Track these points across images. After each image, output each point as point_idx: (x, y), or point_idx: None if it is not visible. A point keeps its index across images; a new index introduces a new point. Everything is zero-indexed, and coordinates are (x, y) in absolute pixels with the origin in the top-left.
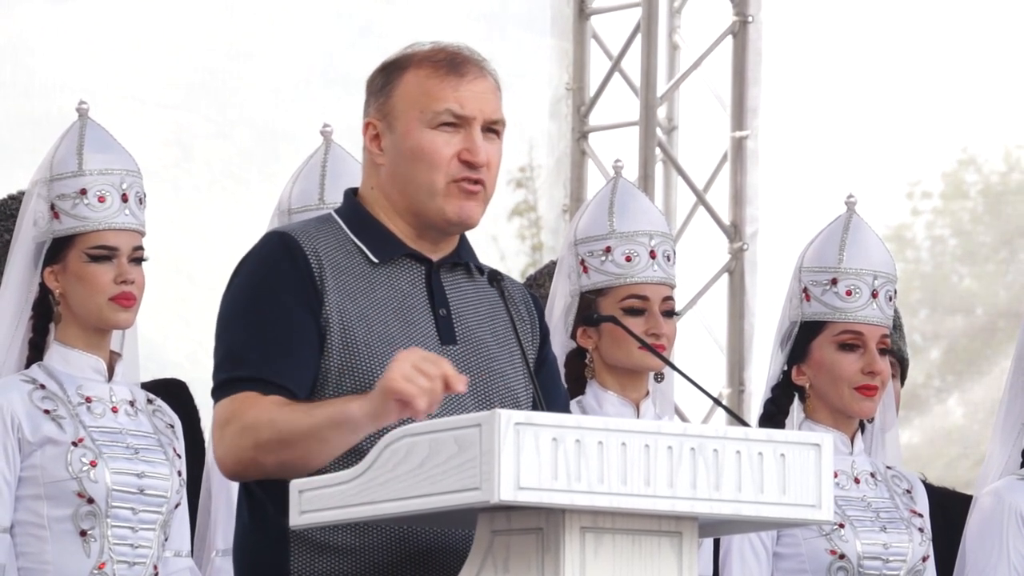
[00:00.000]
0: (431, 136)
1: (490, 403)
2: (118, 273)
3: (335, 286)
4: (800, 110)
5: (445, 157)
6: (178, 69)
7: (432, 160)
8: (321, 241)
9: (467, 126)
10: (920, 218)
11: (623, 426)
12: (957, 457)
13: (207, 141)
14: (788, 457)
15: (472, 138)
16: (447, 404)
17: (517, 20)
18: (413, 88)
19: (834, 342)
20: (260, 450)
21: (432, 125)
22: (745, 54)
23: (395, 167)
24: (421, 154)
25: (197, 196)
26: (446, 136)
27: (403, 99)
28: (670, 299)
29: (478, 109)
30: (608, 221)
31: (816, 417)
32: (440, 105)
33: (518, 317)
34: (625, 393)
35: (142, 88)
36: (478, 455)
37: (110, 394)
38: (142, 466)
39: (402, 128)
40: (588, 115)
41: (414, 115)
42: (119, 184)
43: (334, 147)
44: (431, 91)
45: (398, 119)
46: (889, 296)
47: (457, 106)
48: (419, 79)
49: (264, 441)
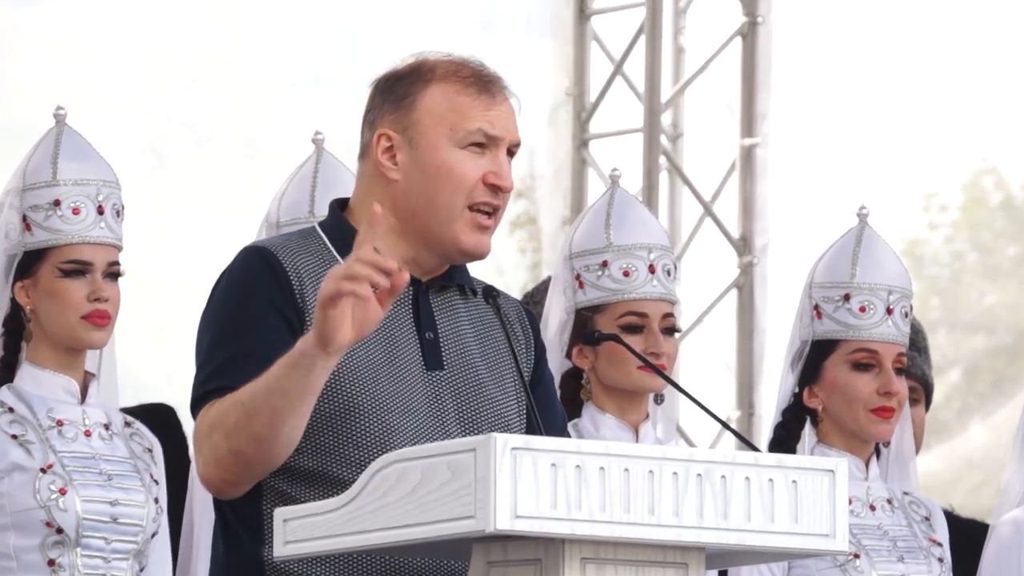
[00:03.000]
0: (459, 156)
1: (477, 431)
2: (92, 290)
3: (316, 303)
4: (812, 116)
5: (472, 179)
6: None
7: (459, 181)
8: (302, 257)
9: (494, 148)
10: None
11: (626, 451)
12: (980, 484)
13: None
14: (800, 484)
15: (498, 161)
16: (432, 431)
17: (514, 21)
18: (441, 103)
19: (848, 361)
20: (231, 438)
21: (461, 144)
22: (754, 57)
23: (412, 185)
24: (449, 174)
25: (174, 208)
26: (473, 158)
27: (429, 114)
28: (671, 316)
29: (506, 131)
30: (605, 233)
31: (829, 441)
32: (472, 124)
33: (514, 336)
34: (624, 416)
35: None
36: (473, 481)
37: (83, 417)
38: (116, 493)
39: (427, 144)
40: (589, 122)
41: (442, 132)
42: (95, 195)
43: (326, 156)
44: (462, 109)
45: (423, 135)
46: (905, 312)
47: (489, 126)
48: (447, 94)
49: (232, 424)
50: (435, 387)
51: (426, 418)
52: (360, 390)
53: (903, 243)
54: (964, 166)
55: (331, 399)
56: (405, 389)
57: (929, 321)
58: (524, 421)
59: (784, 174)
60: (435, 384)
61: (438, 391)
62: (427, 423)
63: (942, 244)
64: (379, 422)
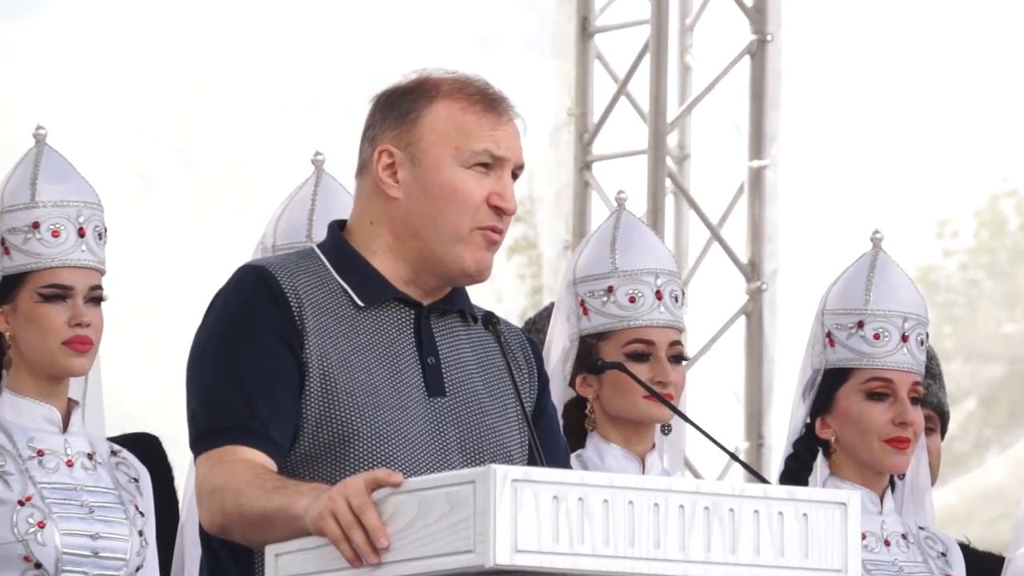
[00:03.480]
0: (464, 176)
1: (480, 461)
2: (73, 315)
3: (316, 327)
4: (823, 137)
5: (476, 200)
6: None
7: (464, 202)
8: (301, 278)
9: (499, 168)
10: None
11: (630, 483)
12: (997, 517)
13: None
14: (811, 517)
15: (503, 182)
16: (433, 461)
17: (515, 39)
18: (446, 121)
19: (861, 391)
20: (227, 519)
21: (466, 164)
22: (763, 76)
23: (414, 204)
24: (453, 194)
25: (162, 232)
26: (478, 178)
27: (434, 131)
28: (678, 344)
29: (512, 152)
30: (610, 258)
31: (842, 473)
32: (479, 144)
33: (515, 365)
34: (629, 446)
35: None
36: (472, 514)
37: (65, 446)
38: (98, 526)
39: (430, 163)
40: (592, 143)
41: (447, 150)
42: (75, 217)
43: (325, 178)
44: (468, 127)
45: (426, 152)
46: (921, 340)
47: (495, 147)
48: (453, 112)
49: (229, 512)
50: (437, 415)
51: (427, 447)
52: (358, 417)
53: (916, 270)
54: (980, 190)
55: (329, 427)
56: (406, 417)
57: (943, 349)
58: (526, 451)
59: (794, 197)
60: (437, 411)
61: (440, 419)
62: (428, 452)
63: (956, 271)
64: (378, 451)
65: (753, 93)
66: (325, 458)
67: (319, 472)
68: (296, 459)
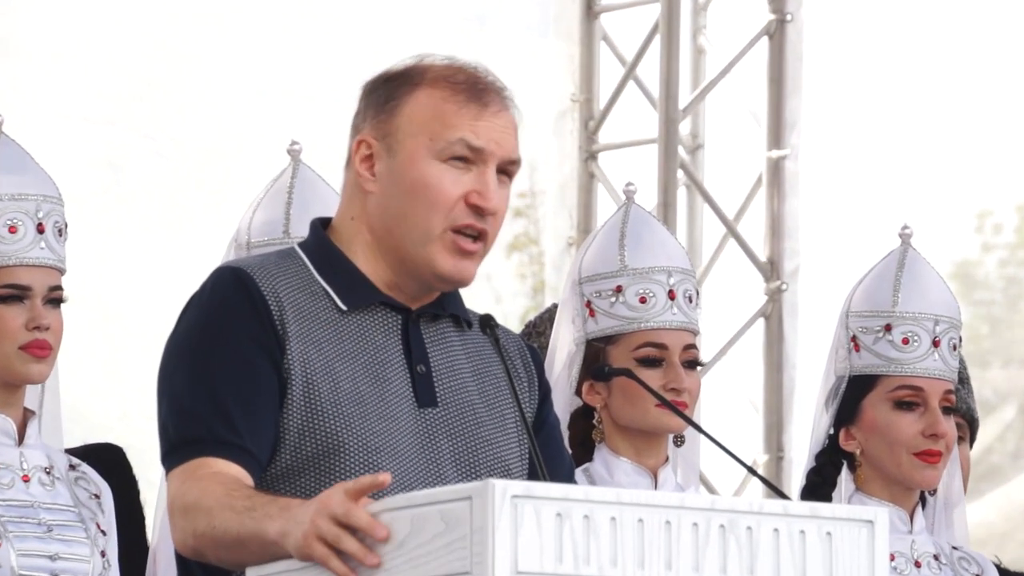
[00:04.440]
0: (438, 170)
1: (476, 475)
2: (31, 317)
3: (298, 332)
4: (848, 124)
5: (451, 198)
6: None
7: (435, 198)
8: (281, 280)
9: (481, 163)
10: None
11: (640, 499)
12: None
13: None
14: (835, 536)
15: (485, 179)
16: (426, 476)
17: (514, 19)
18: (425, 110)
19: (889, 400)
20: (199, 541)
21: (442, 157)
22: (783, 59)
23: (387, 198)
24: (424, 189)
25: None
26: (455, 173)
27: (411, 121)
28: (692, 348)
29: (496, 145)
30: (619, 255)
31: (868, 489)
32: (453, 135)
33: (514, 372)
34: (641, 459)
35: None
36: (468, 533)
37: (20, 460)
38: (56, 546)
39: (405, 155)
40: (597, 131)
41: (422, 141)
42: (34, 212)
43: (303, 169)
44: (446, 117)
45: (401, 143)
46: (953, 344)
47: (472, 137)
48: (433, 100)
49: (201, 534)
50: (428, 426)
51: (419, 460)
52: (344, 428)
53: (951, 266)
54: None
55: (312, 438)
56: (395, 428)
57: (980, 352)
58: (527, 466)
59: (816, 189)
60: (428, 423)
61: (431, 431)
62: (420, 466)
63: (996, 267)
64: (366, 465)
65: (772, 77)
66: (309, 471)
67: (302, 486)
68: (277, 472)
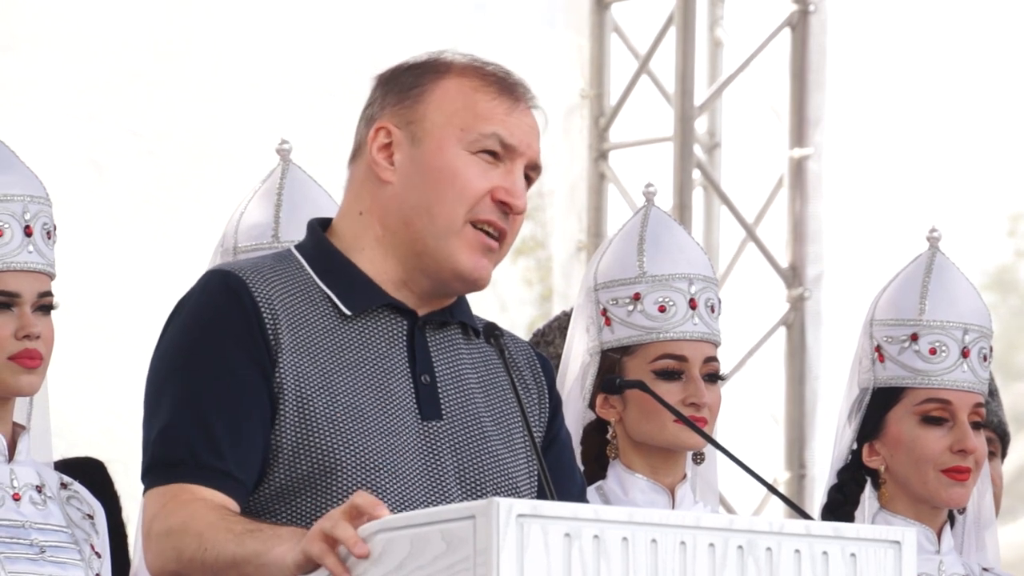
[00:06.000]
0: (467, 161)
1: (481, 493)
2: (20, 325)
3: (291, 343)
4: (874, 123)
5: (479, 190)
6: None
7: (462, 189)
8: (277, 285)
9: (509, 161)
10: None
11: (653, 519)
12: None
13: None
14: (860, 557)
15: (513, 177)
16: (429, 494)
17: (521, 10)
18: (456, 99)
19: (916, 413)
20: (184, 566)
21: (472, 149)
22: (805, 52)
23: (408, 189)
24: (452, 179)
25: (115, 228)
26: (483, 167)
27: (440, 109)
28: (714, 360)
29: (527, 146)
30: (637, 261)
31: (894, 507)
32: (488, 127)
33: (521, 384)
34: (657, 477)
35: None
36: (472, 555)
37: (11, 478)
38: (49, 568)
39: (432, 143)
40: (609, 129)
41: (452, 131)
42: (20, 214)
43: (293, 169)
44: (479, 108)
45: (429, 132)
46: (984, 355)
47: (507, 133)
48: (464, 90)
49: (188, 559)
50: (431, 440)
51: (421, 478)
52: (341, 445)
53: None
54: None
55: (307, 456)
56: (396, 444)
57: (1016, 363)
58: (536, 483)
59: (841, 191)
60: (431, 437)
61: (435, 446)
62: (422, 484)
63: None
64: (365, 483)
65: (794, 71)
66: (304, 492)
67: (298, 507)
68: (271, 492)
